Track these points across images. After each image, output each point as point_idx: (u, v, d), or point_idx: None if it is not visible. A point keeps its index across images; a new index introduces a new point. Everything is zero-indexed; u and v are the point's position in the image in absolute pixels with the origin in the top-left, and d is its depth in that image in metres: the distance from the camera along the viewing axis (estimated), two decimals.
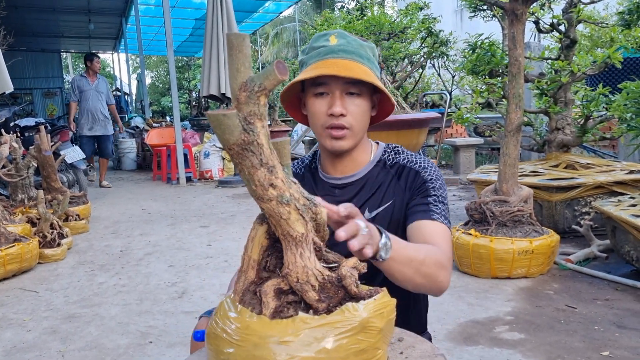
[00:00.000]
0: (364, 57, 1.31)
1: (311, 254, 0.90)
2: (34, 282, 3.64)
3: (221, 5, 7.62)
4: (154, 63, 27.80)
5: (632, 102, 3.30)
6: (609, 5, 7.15)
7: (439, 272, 1.16)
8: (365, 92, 1.31)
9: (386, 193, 1.37)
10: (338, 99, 1.28)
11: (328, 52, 1.30)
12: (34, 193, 5.10)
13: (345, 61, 1.28)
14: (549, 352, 2.31)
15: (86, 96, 8.11)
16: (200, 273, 3.67)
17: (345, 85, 1.28)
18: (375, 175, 1.39)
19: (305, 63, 1.35)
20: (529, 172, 4.16)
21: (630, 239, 3.01)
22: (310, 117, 1.35)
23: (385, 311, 0.90)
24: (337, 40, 1.31)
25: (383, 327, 0.88)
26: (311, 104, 1.32)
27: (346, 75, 1.23)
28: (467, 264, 3.31)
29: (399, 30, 6.41)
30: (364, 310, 0.87)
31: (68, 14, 13.46)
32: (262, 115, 0.84)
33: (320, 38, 1.34)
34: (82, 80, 8.23)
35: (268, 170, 0.85)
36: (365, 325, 0.86)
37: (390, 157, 1.42)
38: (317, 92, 1.30)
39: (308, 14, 22.37)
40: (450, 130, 10.04)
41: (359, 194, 1.38)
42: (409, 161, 1.40)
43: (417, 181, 1.35)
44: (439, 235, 1.25)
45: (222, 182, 7.95)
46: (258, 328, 0.86)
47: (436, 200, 1.32)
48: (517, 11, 3.21)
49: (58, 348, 2.57)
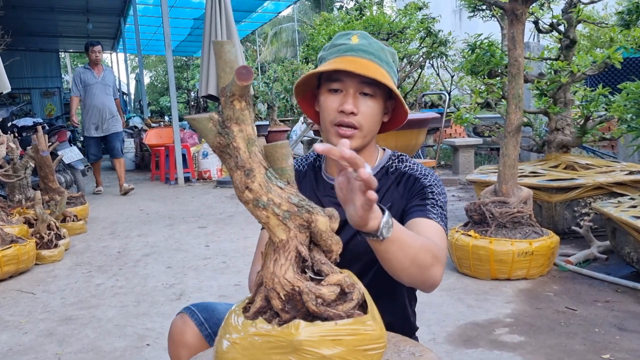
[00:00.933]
0: (383, 60, 1.30)
1: (286, 262, 0.89)
2: (31, 283, 3.62)
3: (220, 5, 7.59)
4: (153, 63, 27.78)
5: (632, 102, 3.28)
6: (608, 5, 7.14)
7: (433, 264, 1.11)
8: (379, 95, 1.29)
9: (383, 198, 1.36)
10: (351, 97, 1.27)
11: (348, 50, 1.29)
12: (31, 194, 5.08)
13: (364, 60, 1.27)
14: (549, 354, 2.29)
15: (92, 91, 7.16)
16: (198, 274, 3.65)
17: (360, 85, 1.27)
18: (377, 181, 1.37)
19: (324, 59, 1.34)
20: (529, 172, 4.15)
21: (631, 240, 2.99)
22: (321, 112, 1.33)
23: (348, 340, 0.84)
24: (359, 40, 1.31)
25: (333, 355, 0.83)
26: (324, 99, 1.31)
27: (362, 73, 1.22)
28: (467, 265, 3.29)
29: (397, 30, 6.39)
30: (303, 332, 0.83)
31: (66, 13, 13.44)
32: (238, 119, 0.85)
33: (342, 36, 1.34)
34: (86, 72, 7.22)
35: (244, 174, 0.86)
36: (298, 348, 0.83)
37: (394, 164, 1.41)
38: (331, 88, 1.29)
39: (307, 14, 22.37)
40: (449, 131, 10.03)
41: None
42: (410, 169, 1.38)
43: (416, 186, 1.34)
44: (433, 232, 1.22)
45: (221, 183, 7.93)
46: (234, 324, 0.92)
47: (434, 204, 1.29)
48: (517, 11, 3.20)
49: (54, 351, 2.55)
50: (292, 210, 0.88)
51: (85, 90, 7.16)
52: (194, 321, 1.36)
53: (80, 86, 7.18)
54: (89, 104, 7.16)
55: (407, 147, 5.61)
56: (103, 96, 7.19)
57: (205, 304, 1.42)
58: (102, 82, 7.22)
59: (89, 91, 7.15)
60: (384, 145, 1.49)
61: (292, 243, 0.89)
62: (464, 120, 4.55)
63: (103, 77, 7.25)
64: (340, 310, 0.87)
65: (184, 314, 1.39)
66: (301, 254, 0.89)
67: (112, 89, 7.36)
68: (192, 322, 1.36)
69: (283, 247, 0.89)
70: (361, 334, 0.85)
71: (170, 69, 8.56)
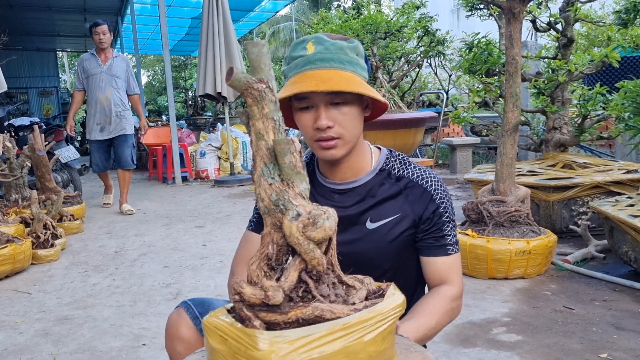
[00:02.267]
0: (344, 62, 1.25)
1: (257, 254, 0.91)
2: (27, 283, 3.60)
3: (217, 4, 7.58)
4: (151, 62, 27.72)
5: (630, 101, 3.28)
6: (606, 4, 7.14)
7: (452, 316, 1.34)
8: (351, 99, 1.25)
9: (392, 206, 1.34)
10: (323, 112, 1.23)
11: (306, 64, 1.25)
12: (27, 193, 5.06)
13: (324, 71, 1.22)
14: (547, 354, 2.28)
15: (95, 82, 5.82)
16: (195, 274, 3.64)
17: (328, 97, 1.23)
18: (378, 185, 1.36)
19: (287, 75, 1.31)
20: (526, 171, 4.14)
21: (628, 239, 2.98)
22: (300, 130, 1.32)
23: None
24: (315, 48, 1.25)
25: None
26: (298, 118, 1.29)
27: (325, 89, 1.19)
28: (464, 264, 3.27)
29: (395, 29, 6.38)
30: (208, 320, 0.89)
31: (64, 12, 13.40)
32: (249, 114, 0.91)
33: (297, 46, 1.29)
34: (90, 59, 5.90)
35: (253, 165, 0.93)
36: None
37: (396, 166, 1.38)
38: (302, 107, 1.26)
39: (305, 13, 22.36)
40: (447, 130, 10.02)
41: (360, 202, 1.36)
42: (418, 177, 1.36)
43: (430, 206, 1.34)
44: (453, 269, 1.36)
45: (218, 182, 7.91)
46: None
47: (448, 226, 1.36)
48: (515, 10, 3.19)
49: (50, 351, 2.54)
50: (269, 207, 0.90)
51: (88, 81, 5.86)
52: (189, 315, 1.35)
53: (82, 77, 5.90)
54: (91, 99, 5.88)
55: (405, 146, 5.61)
56: (108, 89, 5.82)
57: (202, 299, 1.42)
58: (108, 71, 5.85)
59: (92, 82, 5.83)
60: (382, 145, 1.48)
61: (266, 239, 0.91)
62: (462, 120, 4.54)
63: (110, 66, 5.88)
64: (257, 315, 0.85)
65: (180, 308, 1.39)
66: (267, 252, 0.91)
67: (123, 81, 5.97)
68: (188, 316, 1.35)
69: (262, 241, 0.92)
70: (241, 344, 0.82)
71: (167, 69, 8.55)
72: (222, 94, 7.57)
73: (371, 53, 5.94)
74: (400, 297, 0.91)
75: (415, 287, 1.46)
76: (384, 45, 6.92)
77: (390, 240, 1.34)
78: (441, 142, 8.15)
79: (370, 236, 1.35)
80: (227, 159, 8.43)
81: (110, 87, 5.84)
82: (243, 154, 9.03)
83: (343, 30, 6.09)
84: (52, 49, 18.79)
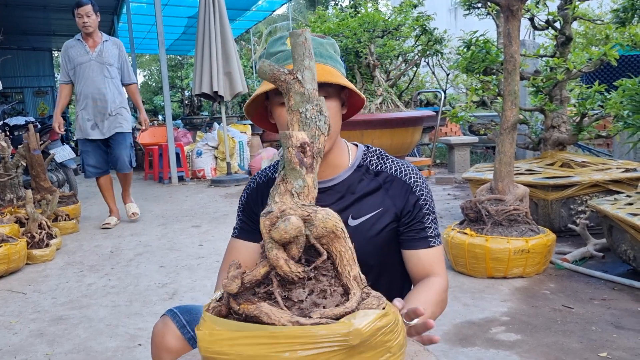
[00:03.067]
0: (325, 57, 1.26)
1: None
2: (22, 283, 3.57)
3: (213, 3, 7.55)
4: (147, 62, 27.65)
5: (629, 99, 3.26)
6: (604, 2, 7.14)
7: (442, 307, 1.32)
8: (331, 93, 1.25)
9: (372, 202, 1.33)
10: None
11: (286, 58, 1.24)
12: (22, 193, 5.02)
13: None
14: (546, 353, 2.26)
15: (84, 73, 4.91)
16: (192, 274, 3.61)
17: None
18: (357, 181, 1.34)
19: None
20: (525, 170, 4.13)
21: (627, 237, 2.97)
22: (279, 127, 1.29)
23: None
24: None
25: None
26: (278, 114, 1.27)
27: None
28: (463, 263, 3.26)
29: (393, 28, 6.36)
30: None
31: (59, 11, 13.33)
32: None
33: (276, 42, 1.29)
34: (76, 46, 4.98)
35: None
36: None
37: (374, 162, 1.37)
38: (282, 102, 1.24)
39: (302, 12, 22.33)
40: (445, 129, 10.01)
41: (340, 200, 1.34)
42: (397, 170, 1.36)
43: (410, 199, 1.33)
44: (437, 262, 1.35)
45: (215, 182, 7.88)
46: None
47: (429, 218, 1.35)
48: (513, 7, 3.17)
49: (45, 351, 2.51)
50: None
51: (75, 72, 4.95)
52: (175, 324, 1.30)
53: (68, 67, 4.99)
54: (81, 92, 4.96)
55: (403, 145, 5.59)
56: (99, 79, 4.90)
57: (189, 306, 1.37)
58: (99, 58, 4.93)
59: (80, 73, 4.92)
60: (380, 144, 1.47)
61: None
62: (460, 119, 4.53)
63: (100, 52, 4.95)
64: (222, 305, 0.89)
65: (165, 316, 1.34)
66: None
67: (116, 69, 5.03)
68: (174, 324, 1.30)
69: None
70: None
71: (163, 68, 8.51)
72: (219, 93, 7.54)
73: (369, 51, 5.92)
74: (355, 325, 0.79)
75: (403, 282, 1.45)
76: (381, 43, 6.90)
77: (374, 236, 1.33)
78: (439, 141, 8.15)
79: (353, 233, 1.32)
80: (224, 158, 8.40)
81: (103, 76, 4.92)
82: (240, 153, 9.00)
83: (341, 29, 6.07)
84: (48, 49, 18.72)
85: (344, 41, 5.78)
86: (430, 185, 6.73)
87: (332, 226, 0.85)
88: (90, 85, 4.90)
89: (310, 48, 0.88)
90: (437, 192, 6.18)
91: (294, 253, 0.85)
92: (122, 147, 5.10)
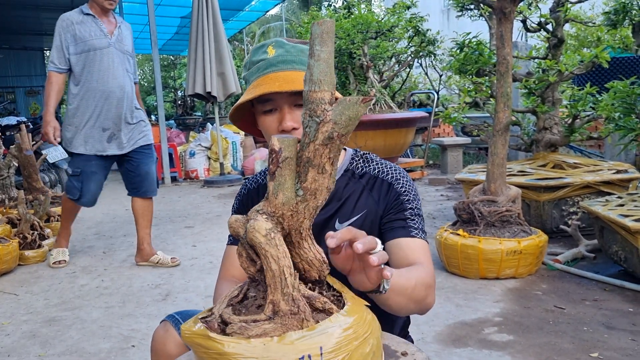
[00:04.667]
0: (306, 64, 1.25)
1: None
2: (14, 284, 3.55)
3: (207, 4, 7.54)
4: (139, 62, 27.54)
5: (620, 101, 3.29)
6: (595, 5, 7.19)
7: (427, 294, 1.16)
8: None
9: (357, 204, 1.32)
10: (287, 114, 1.23)
11: (268, 66, 1.24)
12: (14, 193, 4.99)
13: (286, 73, 1.22)
14: (538, 353, 2.28)
15: (99, 61, 3.57)
16: (185, 274, 3.61)
17: (291, 98, 1.22)
18: (343, 186, 1.34)
19: (248, 80, 1.30)
20: (517, 171, 4.15)
21: (618, 239, 2.99)
22: (265, 135, 1.29)
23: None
24: (275, 51, 1.25)
25: None
26: (262, 122, 1.27)
27: (288, 89, 1.18)
28: (455, 264, 3.28)
29: (386, 29, 6.38)
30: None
31: (51, 11, 13.24)
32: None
33: (258, 51, 1.29)
34: (87, 23, 3.57)
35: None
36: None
37: (359, 165, 1.37)
38: (265, 110, 1.25)
39: (295, 13, 22.34)
40: (438, 130, 10.04)
41: (328, 206, 1.32)
42: (380, 171, 1.35)
43: (391, 194, 1.31)
44: (421, 253, 1.24)
45: (208, 182, 7.87)
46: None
47: (412, 214, 1.29)
48: (506, 9, 3.19)
49: (37, 352, 2.50)
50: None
51: (87, 59, 3.56)
52: (177, 330, 1.27)
53: (70, 50, 3.56)
54: (90, 89, 3.59)
55: (396, 146, 5.61)
56: (122, 74, 3.66)
57: (190, 311, 1.35)
58: (119, 45, 3.67)
59: (94, 62, 3.56)
60: (373, 144, 1.47)
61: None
62: (453, 120, 4.55)
63: (119, 38, 3.69)
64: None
65: (166, 322, 1.32)
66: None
67: (132, 63, 3.86)
68: (175, 331, 1.27)
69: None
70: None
71: (156, 68, 8.49)
72: (212, 94, 7.53)
73: (362, 53, 5.93)
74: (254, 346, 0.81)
75: None
76: (374, 45, 6.91)
77: None
78: (432, 142, 8.17)
79: None
80: (217, 159, 8.39)
81: (124, 70, 3.68)
82: (233, 154, 8.99)
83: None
84: (39, 48, 18.59)
85: (338, 42, 5.79)
86: (423, 186, 6.77)
87: (251, 238, 0.85)
88: (110, 80, 3.57)
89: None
90: (430, 193, 6.20)
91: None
92: (150, 164, 3.97)
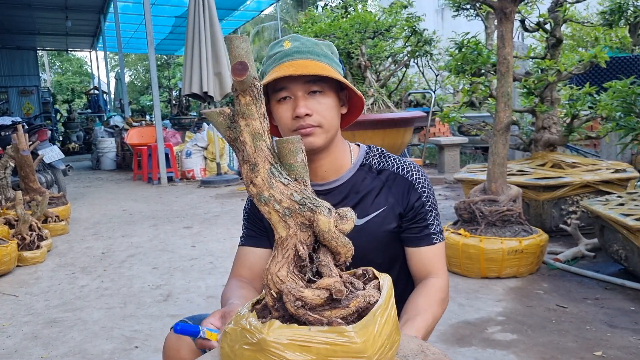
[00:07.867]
0: (320, 55, 1.28)
1: (282, 259, 0.87)
2: (13, 285, 3.53)
3: (203, 4, 7.51)
4: (133, 61, 27.47)
5: (620, 100, 3.31)
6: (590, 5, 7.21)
7: (444, 306, 1.33)
8: (328, 89, 1.27)
9: (376, 200, 1.34)
10: (301, 100, 1.24)
11: (283, 57, 1.28)
12: (11, 194, 4.96)
13: (301, 61, 1.25)
14: (542, 352, 2.29)
15: None
16: (185, 275, 3.59)
17: (306, 85, 1.24)
18: (360, 180, 1.36)
19: (264, 72, 1.32)
20: (516, 171, 4.16)
21: (619, 237, 3.01)
22: (278, 124, 1.30)
23: (319, 348, 0.80)
24: (291, 44, 1.29)
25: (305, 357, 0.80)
26: (276, 110, 1.28)
27: (302, 73, 1.21)
28: (457, 264, 3.28)
29: (384, 29, 6.38)
30: (273, 332, 0.82)
31: (44, 10, 13.20)
32: (244, 114, 0.86)
33: (275, 46, 1.33)
34: None
35: (250, 168, 0.87)
36: (264, 348, 0.82)
37: (375, 160, 1.39)
38: (280, 98, 1.27)
39: (289, 12, 22.32)
40: (434, 130, 10.05)
41: (345, 200, 1.35)
42: (399, 168, 1.37)
43: (412, 195, 1.35)
44: (438, 260, 1.36)
45: (205, 182, 7.85)
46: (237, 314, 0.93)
47: (431, 215, 1.36)
48: (506, 10, 3.20)
49: (40, 354, 2.48)
50: (292, 208, 0.86)
51: None
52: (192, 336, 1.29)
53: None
54: None
55: (394, 145, 5.61)
56: None
57: (201, 316, 1.35)
58: None
59: None
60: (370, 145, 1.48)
61: (290, 241, 0.87)
62: (451, 119, 4.55)
63: None
64: (324, 315, 0.84)
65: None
66: (299, 252, 0.87)
67: None
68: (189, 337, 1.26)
69: (282, 245, 0.88)
70: (336, 345, 0.80)
71: (152, 67, 8.46)
72: (209, 94, 7.51)
73: (360, 52, 5.93)
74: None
75: (407, 278, 1.46)
76: (372, 44, 6.91)
77: (379, 234, 1.34)
78: (429, 141, 8.18)
79: (359, 232, 1.33)
80: (214, 159, 8.37)
81: None
82: (229, 153, 8.97)
83: (332, 30, 6.07)
84: (33, 48, 18.51)
85: (336, 42, 5.78)
86: None
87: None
88: None
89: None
90: None
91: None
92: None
